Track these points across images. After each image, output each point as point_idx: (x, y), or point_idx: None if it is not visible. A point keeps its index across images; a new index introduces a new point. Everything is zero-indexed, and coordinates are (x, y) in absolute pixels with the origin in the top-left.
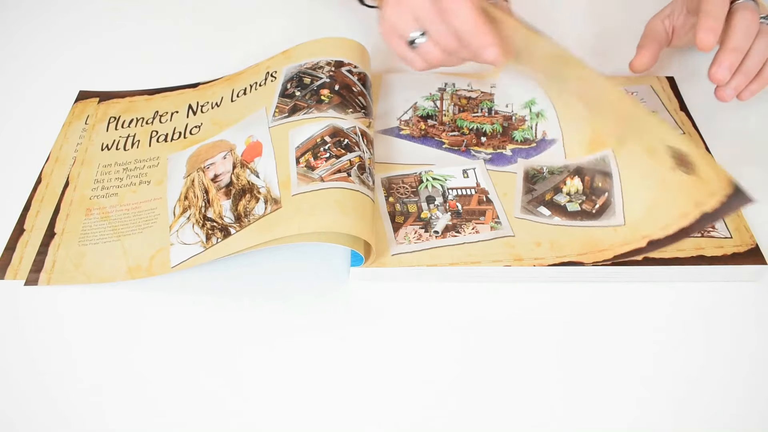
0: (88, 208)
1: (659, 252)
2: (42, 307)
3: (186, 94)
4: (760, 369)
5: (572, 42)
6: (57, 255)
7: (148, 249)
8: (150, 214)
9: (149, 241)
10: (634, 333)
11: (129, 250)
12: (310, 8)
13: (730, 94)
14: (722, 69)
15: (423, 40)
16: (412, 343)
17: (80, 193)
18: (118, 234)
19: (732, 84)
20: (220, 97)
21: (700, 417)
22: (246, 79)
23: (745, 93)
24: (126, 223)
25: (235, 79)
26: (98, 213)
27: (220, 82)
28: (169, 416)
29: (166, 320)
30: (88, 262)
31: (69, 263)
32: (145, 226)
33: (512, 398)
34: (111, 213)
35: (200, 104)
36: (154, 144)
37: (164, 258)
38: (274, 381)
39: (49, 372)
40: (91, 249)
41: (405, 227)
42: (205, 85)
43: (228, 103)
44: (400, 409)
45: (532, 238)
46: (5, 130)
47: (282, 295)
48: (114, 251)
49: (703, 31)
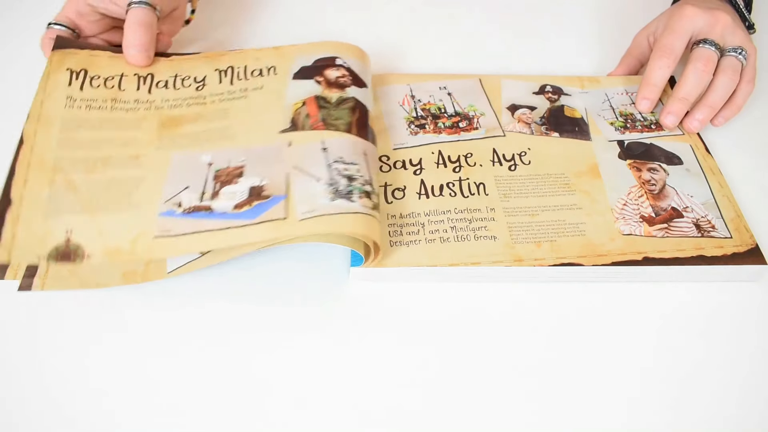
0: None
1: (659, 252)
2: (42, 307)
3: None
4: (760, 369)
5: (575, 40)
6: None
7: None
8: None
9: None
10: (634, 333)
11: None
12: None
13: (697, 126)
14: (671, 117)
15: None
16: (412, 343)
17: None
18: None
19: (697, 117)
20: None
21: (700, 417)
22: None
23: (718, 120)
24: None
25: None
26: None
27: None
28: (168, 416)
29: (166, 320)
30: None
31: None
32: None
33: (512, 398)
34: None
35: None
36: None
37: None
38: (274, 381)
39: (50, 373)
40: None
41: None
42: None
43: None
44: (400, 408)
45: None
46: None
47: (282, 295)
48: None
49: (638, 99)
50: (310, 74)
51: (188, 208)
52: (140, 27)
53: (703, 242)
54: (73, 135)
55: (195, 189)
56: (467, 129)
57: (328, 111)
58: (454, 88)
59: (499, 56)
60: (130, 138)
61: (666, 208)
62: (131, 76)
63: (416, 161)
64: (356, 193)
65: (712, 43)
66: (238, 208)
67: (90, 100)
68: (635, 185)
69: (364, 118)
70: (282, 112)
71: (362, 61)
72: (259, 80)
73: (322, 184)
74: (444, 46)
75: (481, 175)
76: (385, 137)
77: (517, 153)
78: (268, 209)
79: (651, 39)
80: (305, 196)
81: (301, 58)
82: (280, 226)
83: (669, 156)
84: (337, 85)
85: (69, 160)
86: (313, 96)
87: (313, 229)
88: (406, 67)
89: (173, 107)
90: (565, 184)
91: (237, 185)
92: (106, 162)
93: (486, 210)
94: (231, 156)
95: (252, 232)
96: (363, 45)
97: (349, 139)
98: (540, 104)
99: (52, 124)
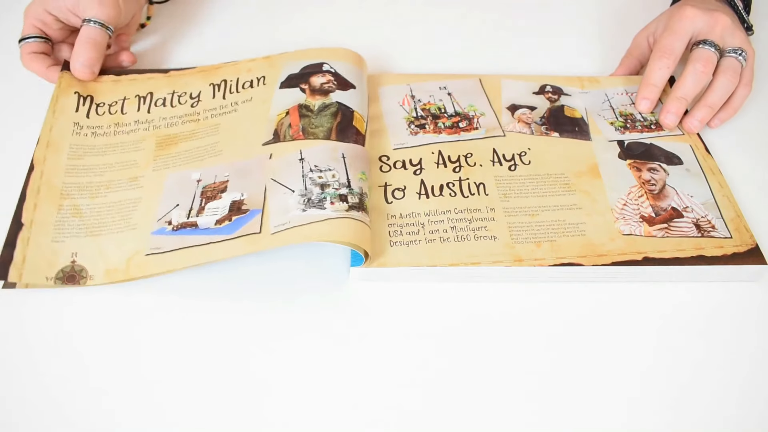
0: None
1: (659, 252)
2: (43, 307)
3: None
4: (760, 369)
5: (576, 39)
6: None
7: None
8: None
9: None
10: (634, 333)
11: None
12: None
13: (697, 126)
14: (670, 116)
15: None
16: (412, 343)
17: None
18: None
19: (697, 116)
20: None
21: (700, 417)
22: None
23: (714, 122)
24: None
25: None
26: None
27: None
28: (168, 416)
29: (165, 321)
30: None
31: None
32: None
33: (512, 398)
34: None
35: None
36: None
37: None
38: (274, 381)
39: (51, 374)
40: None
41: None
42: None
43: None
44: (400, 408)
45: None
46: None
47: (282, 295)
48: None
49: (638, 99)
50: (296, 82)
51: (176, 225)
52: (89, 44)
53: (703, 242)
54: (79, 162)
55: (184, 206)
56: (467, 129)
57: (310, 120)
58: (454, 88)
59: (499, 56)
60: (130, 161)
61: (666, 208)
62: (132, 98)
63: (416, 161)
64: (328, 199)
65: (712, 44)
66: (219, 223)
67: (96, 127)
68: (635, 185)
69: (345, 120)
70: (267, 123)
71: (352, 63)
72: (249, 92)
73: (296, 195)
74: (444, 46)
75: (481, 175)
76: (385, 137)
77: (517, 153)
78: (246, 224)
79: (651, 39)
80: (280, 209)
81: (289, 66)
82: (256, 240)
83: (669, 156)
84: (321, 92)
85: (75, 186)
86: (296, 105)
87: (286, 240)
88: (406, 67)
89: (170, 125)
90: (565, 184)
91: (220, 200)
92: (109, 186)
93: (486, 210)
94: (218, 171)
95: (231, 246)
96: (363, 45)
97: (326, 146)
98: (540, 104)
99: (60, 151)
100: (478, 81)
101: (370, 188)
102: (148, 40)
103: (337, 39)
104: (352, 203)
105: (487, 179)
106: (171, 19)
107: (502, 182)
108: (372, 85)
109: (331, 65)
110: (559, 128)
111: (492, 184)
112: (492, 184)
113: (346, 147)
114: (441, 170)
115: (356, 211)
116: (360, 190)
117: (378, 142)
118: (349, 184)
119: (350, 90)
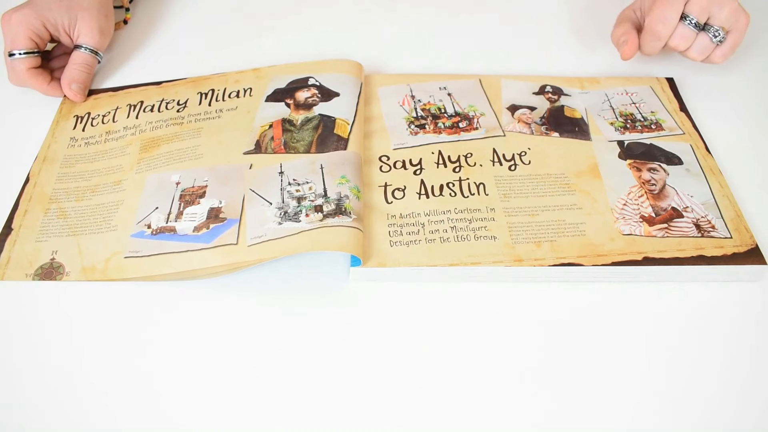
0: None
1: (659, 252)
2: (42, 307)
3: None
4: (759, 369)
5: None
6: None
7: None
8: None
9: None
10: (633, 333)
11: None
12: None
13: (681, 45)
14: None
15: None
16: (412, 343)
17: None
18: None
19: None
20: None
21: (699, 416)
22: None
23: (717, 58)
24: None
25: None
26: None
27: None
28: (168, 416)
29: (166, 320)
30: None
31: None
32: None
33: (512, 397)
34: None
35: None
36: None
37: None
38: (275, 381)
39: (52, 372)
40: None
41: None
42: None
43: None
44: (400, 407)
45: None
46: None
47: (282, 295)
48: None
49: (644, 45)
50: (281, 97)
51: (155, 229)
52: (83, 67)
53: (703, 242)
54: (70, 170)
55: (163, 209)
56: (467, 129)
57: (292, 134)
58: (454, 88)
59: (499, 56)
60: (116, 166)
61: (666, 208)
62: (124, 107)
63: (416, 161)
64: (303, 212)
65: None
66: (197, 230)
67: (89, 137)
68: (635, 185)
69: (326, 131)
70: (249, 133)
71: (341, 72)
72: (235, 101)
73: (273, 207)
74: (444, 46)
75: (481, 175)
76: (385, 137)
77: (517, 153)
78: (222, 233)
79: (638, 13)
80: (257, 221)
81: (276, 80)
82: (232, 251)
83: (669, 156)
84: (305, 106)
85: (64, 191)
86: (280, 119)
87: (262, 254)
88: (406, 67)
89: (155, 129)
90: (565, 184)
91: (198, 206)
92: (95, 190)
93: (486, 210)
94: (197, 175)
95: (208, 256)
96: (363, 45)
97: (306, 159)
98: (540, 104)
99: (55, 162)
100: (478, 81)
101: (370, 188)
102: (144, 56)
103: (337, 39)
104: (328, 211)
105: (487, 179)
106: (165, 33)
107: (502, 182)
108: (372, 86)
109: (317, 78)
110: (559, 128)
111: (492, 184)
112: (492, 184)
113: (325, 157)
114: (441, 170)
115: (332, 218)
116: (338, 196)
117: (378, 142)
118: (326, 193)
119: (334, 99)
